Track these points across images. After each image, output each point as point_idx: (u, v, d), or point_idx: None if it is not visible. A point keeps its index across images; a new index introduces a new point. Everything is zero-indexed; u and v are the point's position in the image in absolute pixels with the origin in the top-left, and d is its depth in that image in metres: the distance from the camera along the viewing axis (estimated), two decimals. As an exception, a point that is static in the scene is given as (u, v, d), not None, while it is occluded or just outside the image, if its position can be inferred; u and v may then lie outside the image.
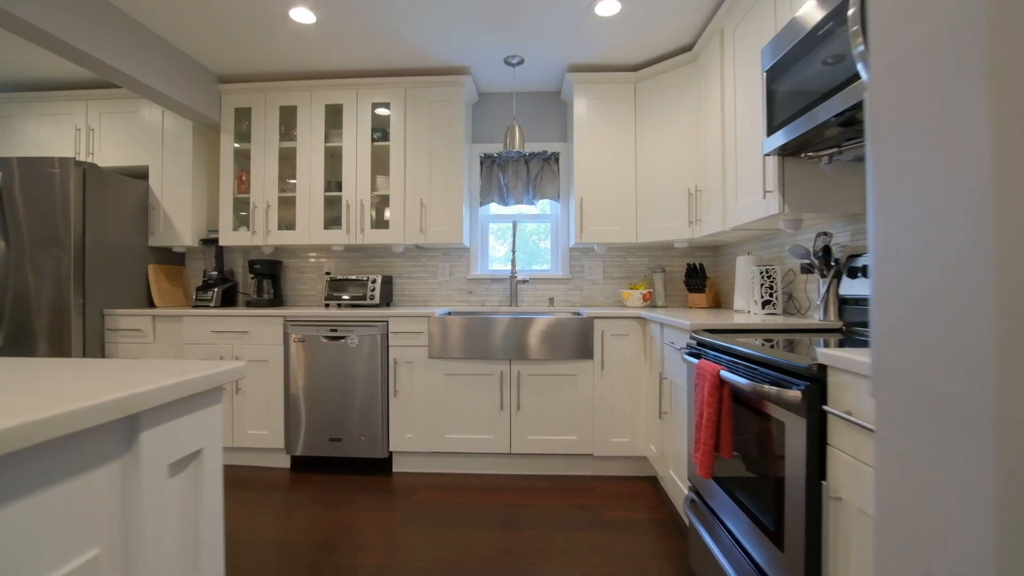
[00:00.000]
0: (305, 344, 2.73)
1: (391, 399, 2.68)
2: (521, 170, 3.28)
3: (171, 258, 3.41)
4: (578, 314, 2.77)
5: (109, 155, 3.23)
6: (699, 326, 1.79)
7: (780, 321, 1.91)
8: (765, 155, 1.75)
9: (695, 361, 1.59)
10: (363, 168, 3.03)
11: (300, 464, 2.82)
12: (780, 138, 1.60)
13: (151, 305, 3.17)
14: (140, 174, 3.33)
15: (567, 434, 2.60)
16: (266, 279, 3.24)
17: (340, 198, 3.10)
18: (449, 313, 3.08)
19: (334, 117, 3.18)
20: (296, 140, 3.08)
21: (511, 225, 3.37)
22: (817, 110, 1.37)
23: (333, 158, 3.22)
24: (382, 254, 3.36)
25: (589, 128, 2.92)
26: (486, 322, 2.60)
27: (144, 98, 2.82)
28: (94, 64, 2.39)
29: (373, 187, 3.12)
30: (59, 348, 2.65)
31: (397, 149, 3.01)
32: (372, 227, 3.08)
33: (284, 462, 2.82)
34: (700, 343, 1.71)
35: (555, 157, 3.27)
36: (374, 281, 3.05)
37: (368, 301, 3.02)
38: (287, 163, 3.30)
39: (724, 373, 1.36)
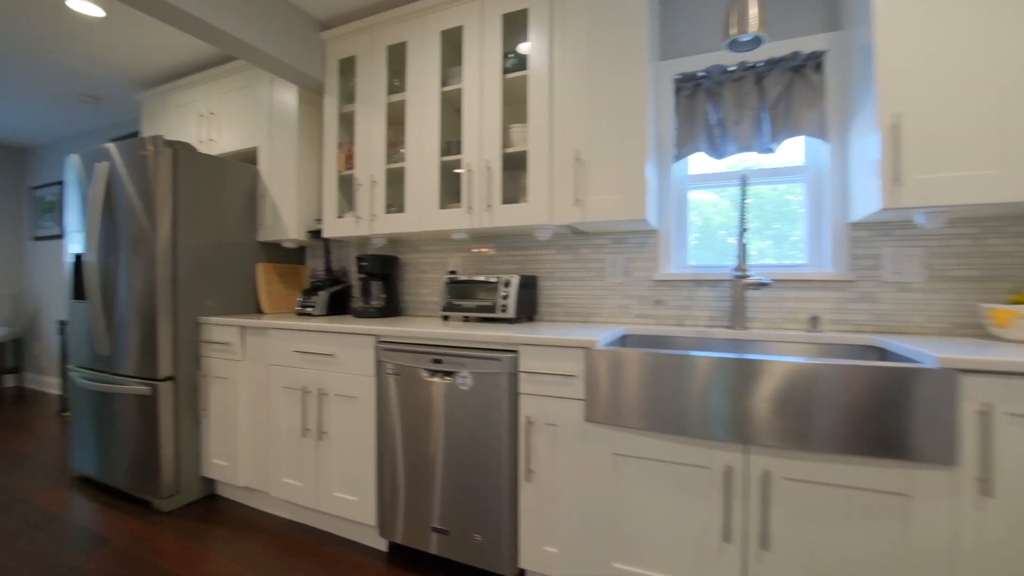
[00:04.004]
0: (400, 379, 1.82)
1: (521, 482, 1.60)
2: (749, 92, 1.90)
3: (286, 255, 2.89)
4: (914, 363, 1.32)
5: (227, 139, 2.82)
6: None
7: None
8: None
9: None
10: (490, 115, 2.01)
11: (400, 554, 1.92)
12: None
13: (260, 312, 2.65)
14: (252, 158, 2.86)
15: (882, 618, 1.19)
16: (376, 280, 2.46)
17: (460, 163, 2.14)
18: (622, 339, 1.87)
19: (452, 50, 2.24)
20: (406, 91, 2.21)
21: (732, 186, 2.03)
22: None
23: (451, 109, 2.28)
24: (524, 243, 2.31)
25: (910, -21, 1.43)
26: (690, 363, 1.33)
27: (241, 58, 2.25)
28: (189, 22, 1.98)
29: (505, 142, 2.09)
30: (150, 361, 2.19)
31: (539, 78, 1.92)
32: (503, 202, 2.05)
33: (380, 542, 1.95)
34: None
35: (816, 62, 1.82)
36: (507, 284, 2.01)
37: (499, 314, 1.99)
38: (396, 129, 2.48)
39: None
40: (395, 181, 2.44)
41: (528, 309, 2.12)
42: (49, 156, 4.71)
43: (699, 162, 2.09)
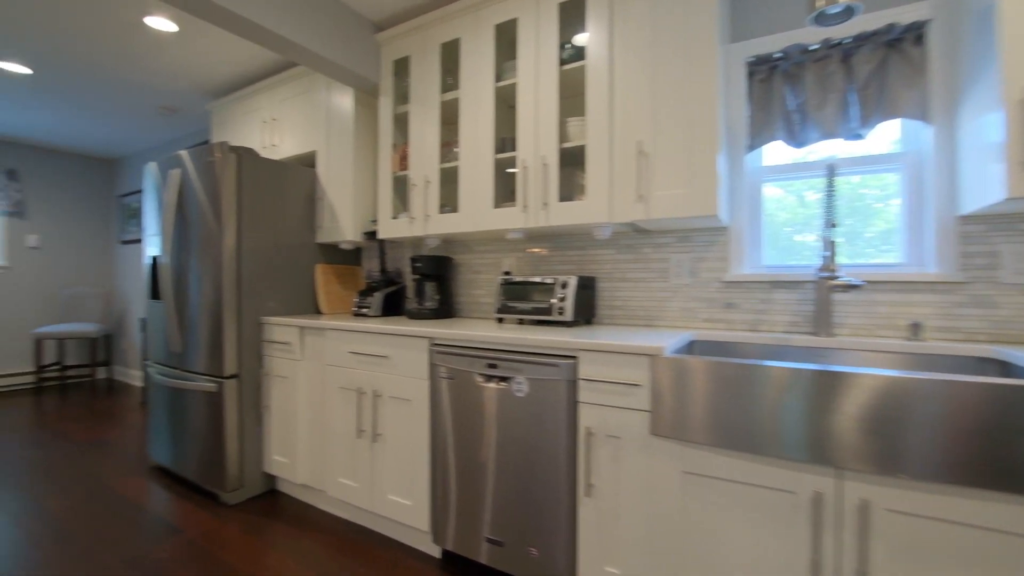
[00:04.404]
0: (454, 383, 1.77)
1: (580, 497, 1.50)
2: (834, 72, 1.71)
3: (343, 256, 2.93)
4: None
5: (288, 144, 2.90)
6: None
7: None
8: None
9: None
10: (546, 109, 1.93)
11: (454, 562, 1.87)
12: None
13: (319, 312, 2.70)
14: (311, 161, 2.93)
15: None
16: (430, 281, 2.43)
17: (515, 161, 2.07)
18: (689, 346, 1.74)
19: (506, 44, 2.18)
20: (459, 88, 2.17)
21: (807, 178, 1.85)
22: None
23: (505, 105, 2.21)
24: (581, 243, 2.21)
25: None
26: (771, 375, 1.19)
27: (302, 63, 2.30)
28: (254, 31, 2.05)
29: (562, 137, 2.00)
30: (216, 359, 2.28)
31: (598, 68, 1.81)
32: (560, 199, 1.96)
33: (433, 548, 1.92)
34: None
35: (916, 34, 1.60)
36: (564, 285, 1.92)
37: (555, 317, 1.91)
38: (449, 128, 2.45)
39: None
40: (449, 181, 2.40)
41: (586, 312, 2.02)
42: (133, 166, 5.09)
43: (774, 153, 1.91)
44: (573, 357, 1.52)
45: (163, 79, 3.20)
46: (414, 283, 2.48)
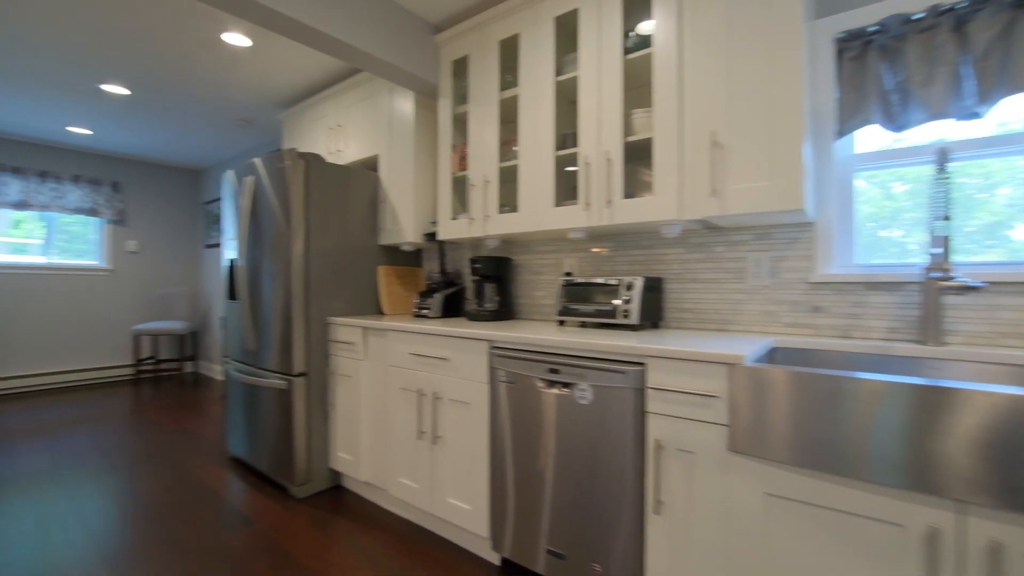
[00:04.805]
0: (514, 388, 1.72)
1: (648, 514, 1.40)
2: (944, 44, 1.50)
3: (404, 257, 2.97)
4: None
5: (352, 149, 2.99)
6: None
7: None
8: None
9: None
10: (610, 101, 1.84)
11: (513, 571, 1.83)
12: None
13: (382, 313, 2.75)
14: (374, 165, 2.99)
15: None
16: (489, 282, 2.41)
17: (576, 156, 1.99)
18: (771, 354, 1.59)
19: (566, 36, 2.10)
20: (519, 85, 2.12)
21: (916, 164, 1.65)
22: None
23: (565, 100, 2.14)
24: (647, 242, 2.10)
25: None
26: (874, 389, 1.04)
27: (366, 69, 2.36)
28: (322, 40, 2.12)
29: (626, 130, 1.89)
30: (286, 358, 2.37)
31: (666, 55, 1.70)
32: (624, 196, 1.86)
33: (493, 555, 1.88)
34: None
35: (1052, -8, 1.36)
36: (629, 286, 1.82)
37: (620, 320, 1.81)
38: (508, 127, 2.40)
39: None
40: (509, 180, 2.36)
41: (652, 315, 1.91)
42: (215, 175, 5.48)
43: (865, 140, 1.71)
44: (641, 364, 1.42)
45: (239, 92, 3.40)
46: (473, 284, 2.46)
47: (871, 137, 1.71)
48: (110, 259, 5.16)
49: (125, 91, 3.38)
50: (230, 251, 2.81)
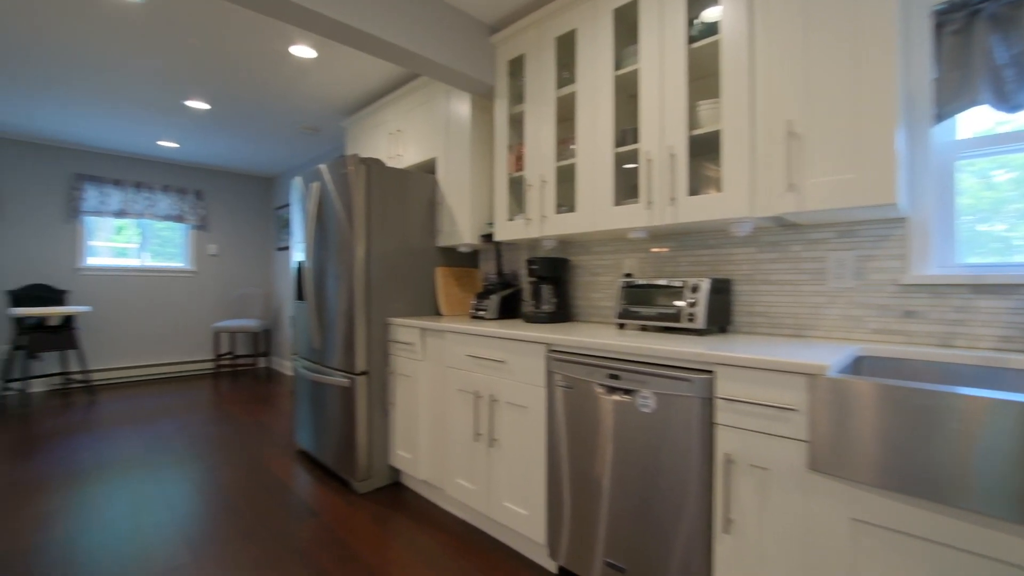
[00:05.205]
0: (572, 393, 1.68)
1: (717, 532, 1.32)
2: (1073, 10, 1.30)
3: (461, 259, 3.00)
4: None
5: (411, 153, 3.05)
6: None
7: None
8: None
9: None
10: (673, 93, 1.75)
11: (568, 578, 1.78)
12: None
13: (439, 314, 2.79)
14: (432, 168, 3.04)
15: None
16: (546, 284, 2.37)
17: (636, 153, 1.91)
18: (856, 363, 1.44)
19: (626, 29, 2.02)
20: (576, 81, 2.07)
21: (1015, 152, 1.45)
22: None
23: (625, 95, 2.06)
24: (713, 241, 1.98)
25: None
26: (978, 407, 0.91)
27: (425, 74, 2.40)
28: (383, 48, 2.17)
29: (691, 123, 1.79)
30: (349, 356, 2.46)
31: (736, 40, 1.59)
32: (689, 193, 1.76)
33: (548, 561, 1.85)
34: None
35: None
36: (695, 289, 1.73)
37: (684, 323, 1.72)
38: (565, 125, 2.36)
39: None
40: (566, 180, 2.32)
41: (720, 318, 1.80)
42: (285, 181, 5.79)
43: (966, 122, 1.52)
44: (709, 372, 1.34)
45: (306, 102, 3.56)
46: (530, 286, 2.43)
47: (968, 122, 1.51)
48: (194, 262, 5.59)
49: (206, 105, 3.63)
50: (298, 254, 2.95)
